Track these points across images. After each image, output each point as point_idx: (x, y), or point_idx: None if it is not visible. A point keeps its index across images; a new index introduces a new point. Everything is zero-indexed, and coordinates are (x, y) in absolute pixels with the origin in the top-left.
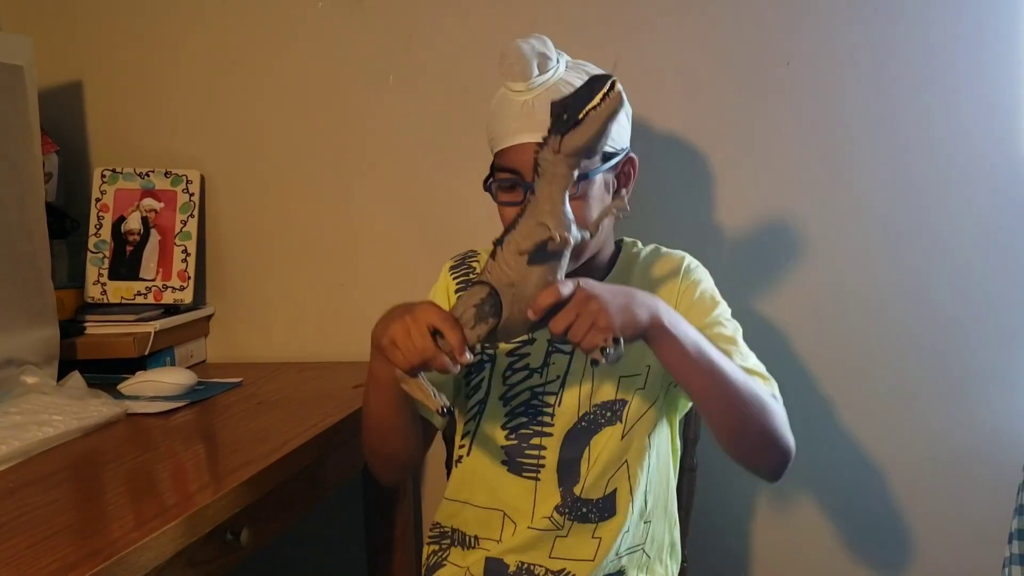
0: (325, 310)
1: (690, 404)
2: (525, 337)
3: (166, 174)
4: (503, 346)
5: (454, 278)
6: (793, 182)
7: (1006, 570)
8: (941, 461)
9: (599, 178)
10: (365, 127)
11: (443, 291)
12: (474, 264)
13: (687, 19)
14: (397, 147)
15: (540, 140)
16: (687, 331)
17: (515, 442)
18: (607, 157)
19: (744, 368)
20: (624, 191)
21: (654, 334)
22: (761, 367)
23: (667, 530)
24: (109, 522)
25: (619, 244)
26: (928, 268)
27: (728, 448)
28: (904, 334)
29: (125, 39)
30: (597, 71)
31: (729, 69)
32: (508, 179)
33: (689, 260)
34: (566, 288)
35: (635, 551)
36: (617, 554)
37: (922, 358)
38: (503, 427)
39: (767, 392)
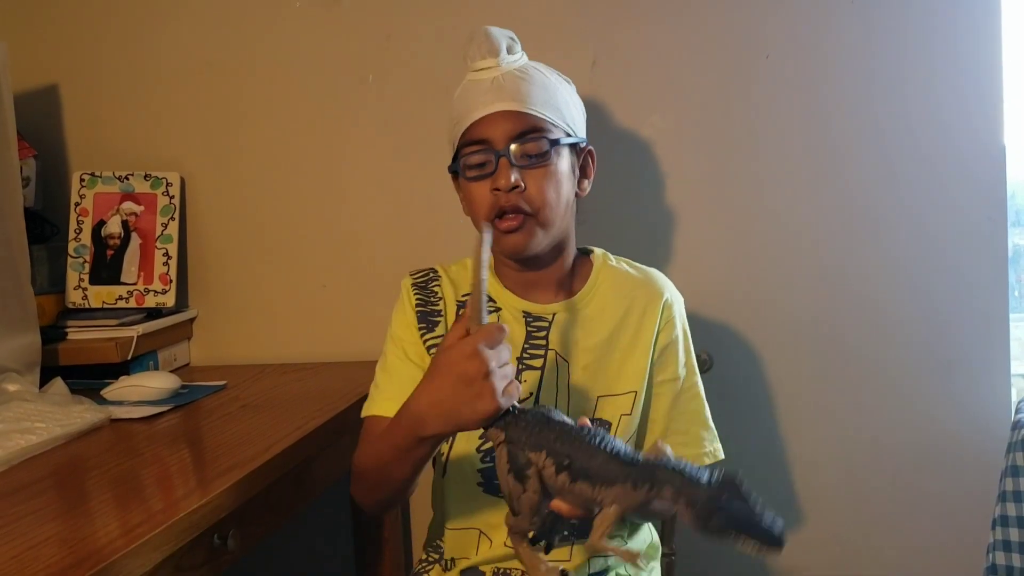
0: (307, 311)
1: None
2: None
3: (146, 177)
4: None
5: (415, 296)
6: (774, 174)
7: (990, 555)
8: (924, 448)
9: (566, 154)
10: (344, 126)
11: (404, 311)
12: (436, 289)
13: (665, 13)
14: (377, 146)
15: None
16: None
17: (490, 464)
18: (572, 146)
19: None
20: (586, 182)
21: None
22: (711, 431)
23: (648, 533)
24: (95, 530)
25: (586, 252)
26: (910, 257)
27: None
28: (886, 322)
29: (101, 42)
30: (554, 69)
31: (708, 62)
32: (477, 151)
33: (668, 293)
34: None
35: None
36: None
37: (904, 346)
38: (478, 450)
39: None
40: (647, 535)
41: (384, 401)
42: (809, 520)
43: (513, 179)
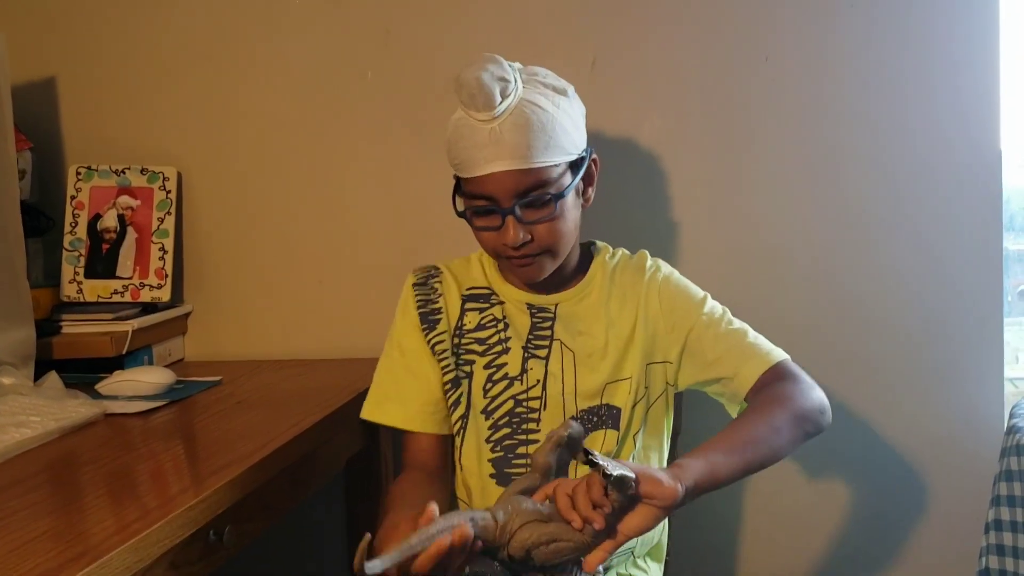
0: (303, 307)
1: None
2: (500, 349)
3: (142, 171)
4: (480, 359)
5: (416, 297)
6: (771, 176)
7: (983, 559)
8: (918, 451)
9: (571, 186)
10: (343, 122)
11: (407, 314)
12: (436, 285)
13: (665, 13)
14: (375, 142)
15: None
16: (725, 465)
17: (501, 454)
18: (575, 166)
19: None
20: (591, 190)
21: (701, 492)
22: (769, 347)
23: (658, 532)
24: (90, 526)
25: (588, 247)
26: (905, 260)
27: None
28: (881, 326)
29: (100, 34)
30: (551, 78)
31: (707, 63)
32: (484, 206)
33: (650, 259)
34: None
35: (624, 552)
36: None
37: (899, 350)
38: (487, 440)
39: (781, 407)
40: (654, 534)
41: (395, 408)
42: (802, 522)
43: (521, 236)
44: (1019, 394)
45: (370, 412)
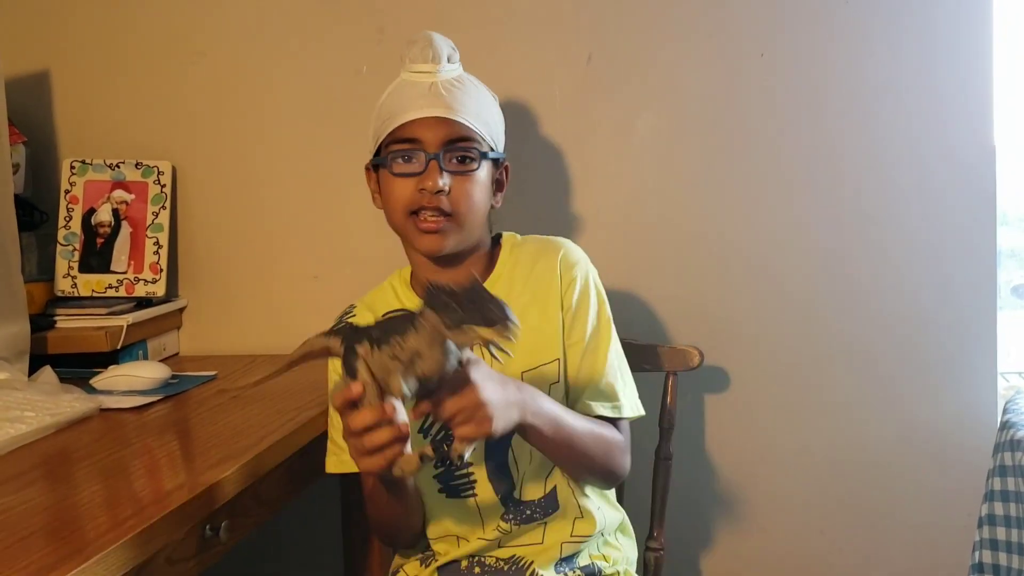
0: (298, 302)
1: None
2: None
3: (137, 165)
4: None
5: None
6: (766, 172)
7: (976, 553)
8: (912, 445)
9: (487, 167)
10: (337, 118)
11: (333, 370)
12: (350, 320)
13: (661, 9)
14: (369, 138)
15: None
16: (548, 414)
17: (442, 469)
18: (495, 161)
19: (599, 416)
20: (500, 195)
21: (522, 427)
22: (622, 393)
23: (614, 511)
24: (86, 522)
25: (498, 238)
26: (898, 254)
27: (571, 479)
28: (875, 320)
29: (94, 27)
30: (483, 86)
31: (703, 60)
32: (408, 149)
33: (565, 250)
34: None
35: (592, 536)
36: (572, 536)
37: (892, 344)
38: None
39: (611, 438)
40: (615, 515)
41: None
42: (795, 515)
43: (441, 183)
44: (1013, 389)
45: (334, 465)
